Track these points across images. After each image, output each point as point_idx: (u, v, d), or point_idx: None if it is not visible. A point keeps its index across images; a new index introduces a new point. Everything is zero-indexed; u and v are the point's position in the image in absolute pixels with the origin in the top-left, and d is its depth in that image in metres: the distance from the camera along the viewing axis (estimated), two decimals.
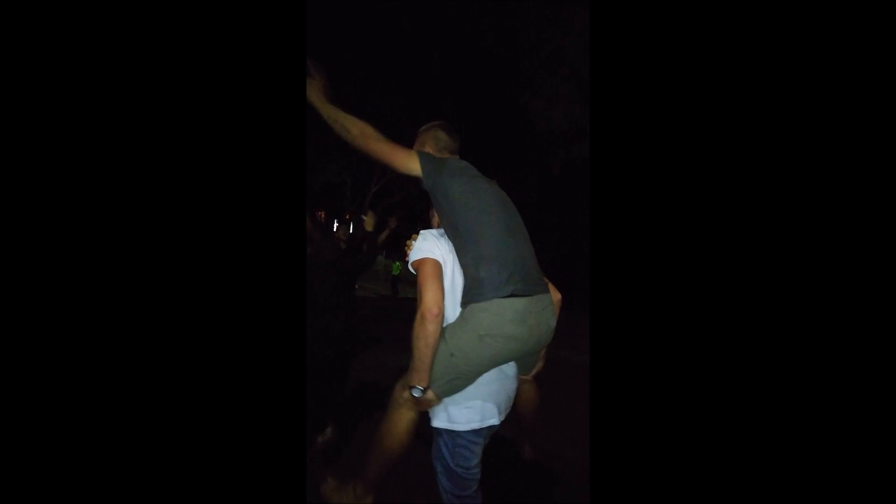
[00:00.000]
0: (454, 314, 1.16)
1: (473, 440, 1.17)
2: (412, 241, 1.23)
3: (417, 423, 1.19)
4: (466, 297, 1.13)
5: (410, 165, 1.15)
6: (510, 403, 1.26)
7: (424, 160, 1.16)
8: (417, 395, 1.11)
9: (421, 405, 1.14)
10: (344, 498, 1.34)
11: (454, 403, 1.15)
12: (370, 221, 2.66)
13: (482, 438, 1.19)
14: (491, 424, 1.18)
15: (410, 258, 1.18)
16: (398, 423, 1.18)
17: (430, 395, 1.11)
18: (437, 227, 1.29)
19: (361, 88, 8.88)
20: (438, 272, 1.13)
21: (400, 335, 1.16)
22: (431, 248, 1.16)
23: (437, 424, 1.18)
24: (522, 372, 1.32)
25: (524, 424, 1.87)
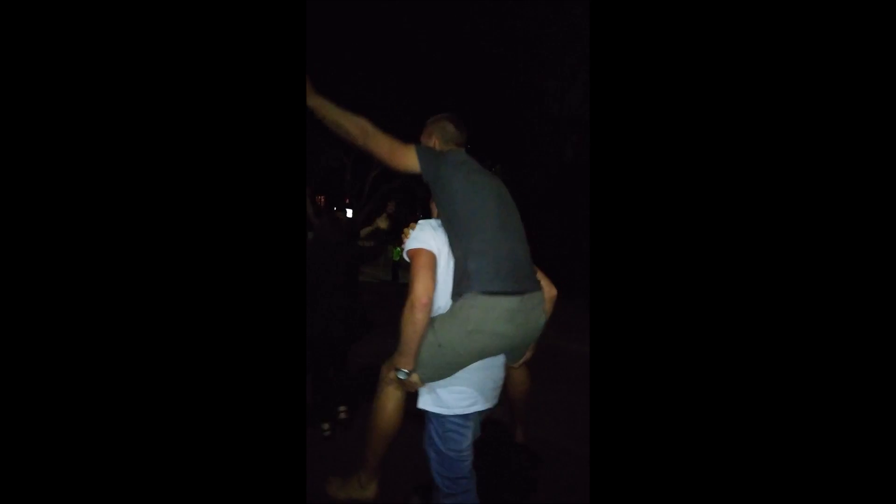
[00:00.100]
0: (447, 304, 1.19)
1: (462, 424, 1.21)
2: (410, 229, 1.25)
3: (405, 401, 1.25)
4: (456, 289, 1.15)
5: (409, 162, 1.17)
6: (498, 390, 1.30)
7: (422, 154, 1.18)
8: (402, 377, 1.15)
9: (406, 386, 1.19)
10: (350, 492, 1.37)
11: (441, 387, 1.19)
12: (385, 222, 2.70)
13: (471, 422, 1.23)
14: (478, 409, 1.21)
15: (406, 247, 1.21)
16: (386, 401, 1.23)
17: (414, 378, 1.15)
18: (437, 216, 1.31)
19: (361, 88, 8.76)
20: (432, 263, 1.15)
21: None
22: (427, 238, 1.18)
23: (423, 406, 1.22)
24: (511, 362, 1.35)
25: (516, 409, 1.92)
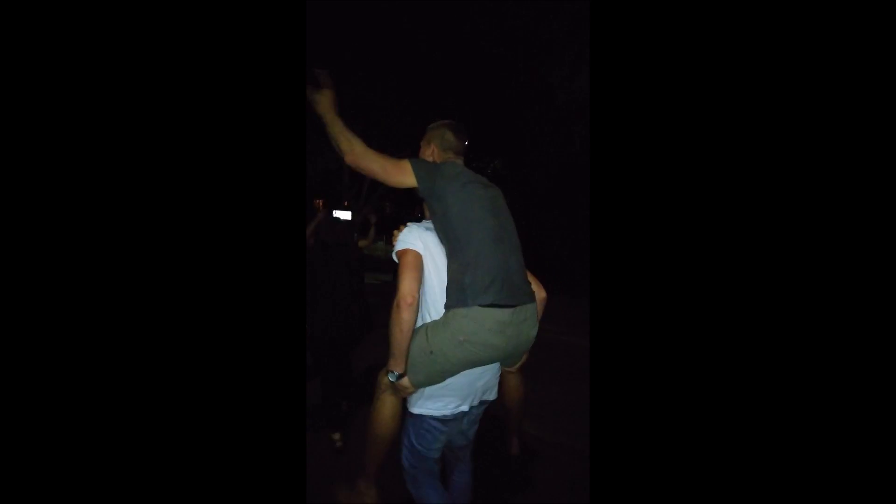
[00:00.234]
0: (441, 302, 1.19)
1: (436, 427, 1.23)
2: (399, 231, 1.27)
3: (401, 407, 1.26)
4: (449, 300, 1.16)
5: (404, 178, 1.17)
6: (490, 390, 1.30)
7: (417, 169, 1.18)
8: (393, 379, 1.17)
9: (398, 391, 1.20)
10: (352, 498, 1.38)
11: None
12: (367, 240, 2.85)
13: (447, 426, 1.24)
14: (453, 414, 1.22)
15: (395, 248, 1.23)
16: (382, 408, 1.24)
17: (405, 382, 1.16)
18: (429, 218, 1.32)
19: (361, 88, 8.74)
20: (418, 263, 1.17)
21: None
22: (414, 240, 1.20)
23: (408, 404, 1.25)
24: (506, 365, 1.36)
25: (508, 417, 1.85)
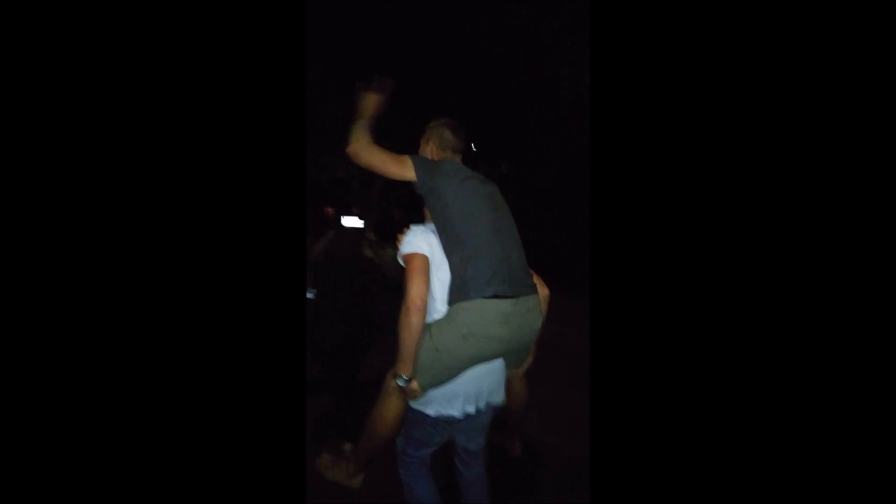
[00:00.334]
0: (443, 308, 1.21)
1: (430, 424, 1.23)
2: (402, 235, 1.27)
3: (404, 410, 1.26)
4: (452, 296, 1.18)
5: (404, 172, 1.21)
6: (491, 395, 1.28)
7: (417, 165, 1.21)
8: (402, 384, 1.16)
9: (406, 395, 1.20)
10: (337, 474, 1.43)
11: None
12: (369, 251, 2.77)
13: (439, 425, 1.24)
14: (459, 414, 1.22)
15: (400, 252, 1.23)
16: (387, 410, 1.25)
17: (414, 385, 1.17)
18: (430, 220, 1.33)
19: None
20: (425, 266, 1.17)
21: None
22: (420, 243, 1.20)
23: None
24: (511, 367, 1.35)
25: (511, 421, 1.84)
